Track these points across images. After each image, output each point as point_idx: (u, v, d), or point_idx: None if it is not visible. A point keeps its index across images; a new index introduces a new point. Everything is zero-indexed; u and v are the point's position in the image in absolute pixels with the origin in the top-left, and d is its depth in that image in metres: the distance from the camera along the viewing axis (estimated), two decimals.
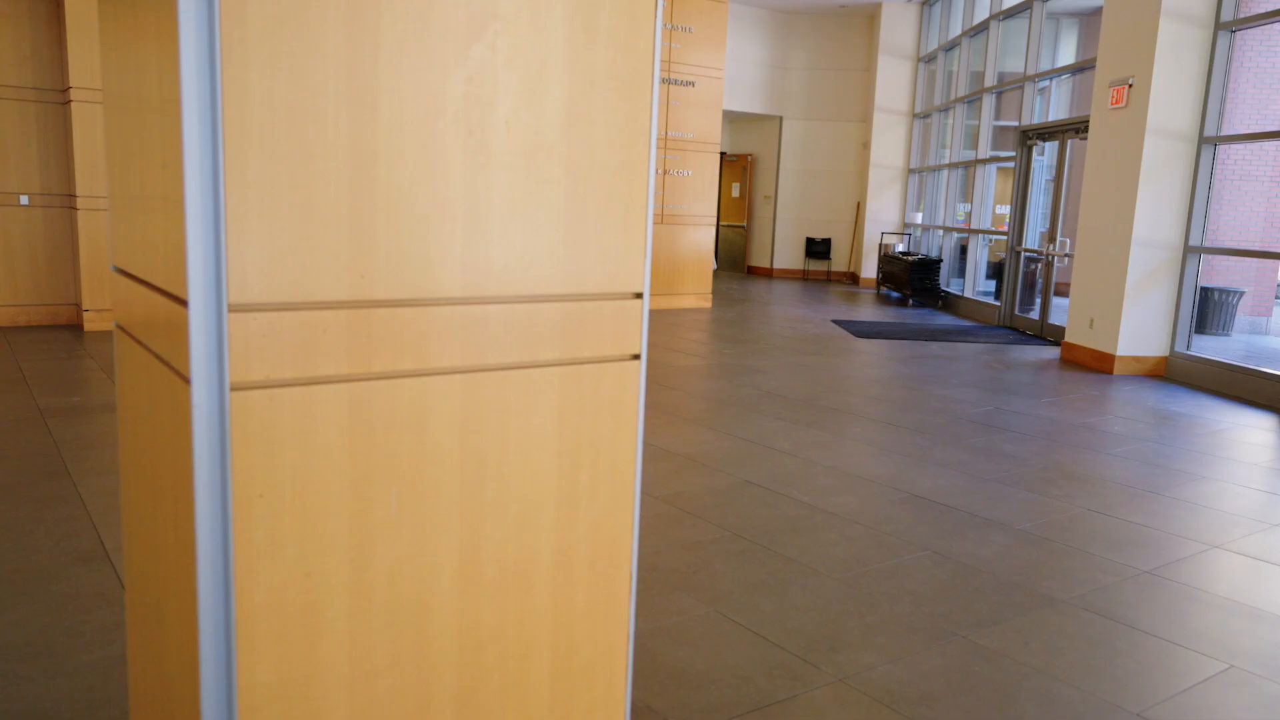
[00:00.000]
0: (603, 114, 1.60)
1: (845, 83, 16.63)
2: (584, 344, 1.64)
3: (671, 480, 4.72)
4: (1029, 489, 4.70)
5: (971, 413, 6.43)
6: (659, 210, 11.77)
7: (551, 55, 1.53)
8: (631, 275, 1.68)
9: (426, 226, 1.45)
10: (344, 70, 1.34)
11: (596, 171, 1.61)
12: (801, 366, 8.02)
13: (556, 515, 1.67)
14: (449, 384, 1.51)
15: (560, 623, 1.70)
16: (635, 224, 1.67)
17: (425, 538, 1.53)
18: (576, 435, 1.66)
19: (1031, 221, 11.07)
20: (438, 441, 1.52)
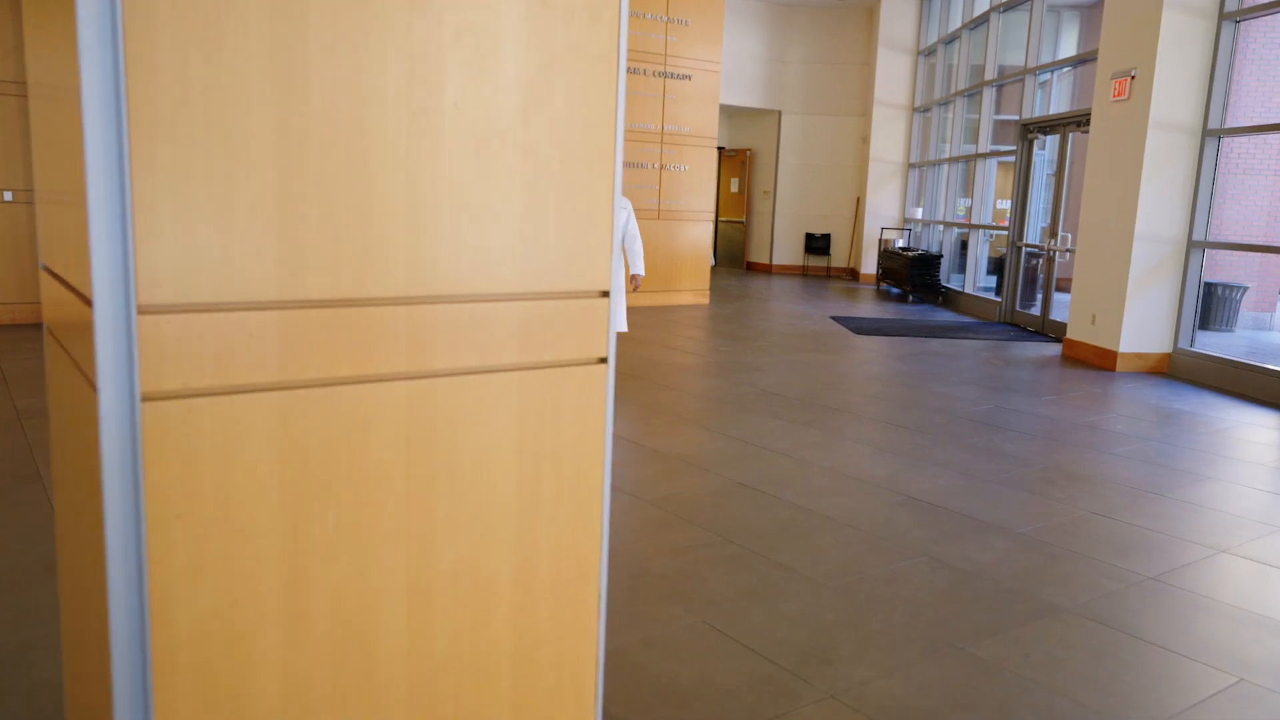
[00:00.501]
0: (564, 96, 1.47)
1: (844, 76, 16.48)
2: (544, 347, 1.52)
3: (663, 482, 4.59)
4: (1030, 490, 4.57)
5: (971, 411, 6.30)
6: (655, 206, 11.63)
7: (505, 31, 1.40)
8: (596, 272, 1.56)
9: (365, 219, 1.32)
10: (268, 45, 1.21)
11: (557, 159, 1.48)
12: (799, 364, 7.89)
13: (517, 531, 1.54)
14: (393, 391, 1.39)
15: (522, 647, 1.57)
16: (600, 216, 1.54)
17: (369, 558, 1.40)
18: (538, 445, 1.54)
19: (1032, 216, 10.93)
20: (381, 454, 1.39)
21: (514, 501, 1.53)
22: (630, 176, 11.20)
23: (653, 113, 11.51)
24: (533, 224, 1.47)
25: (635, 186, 11.25)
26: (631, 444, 5.27)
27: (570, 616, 1.62)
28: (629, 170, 11.11)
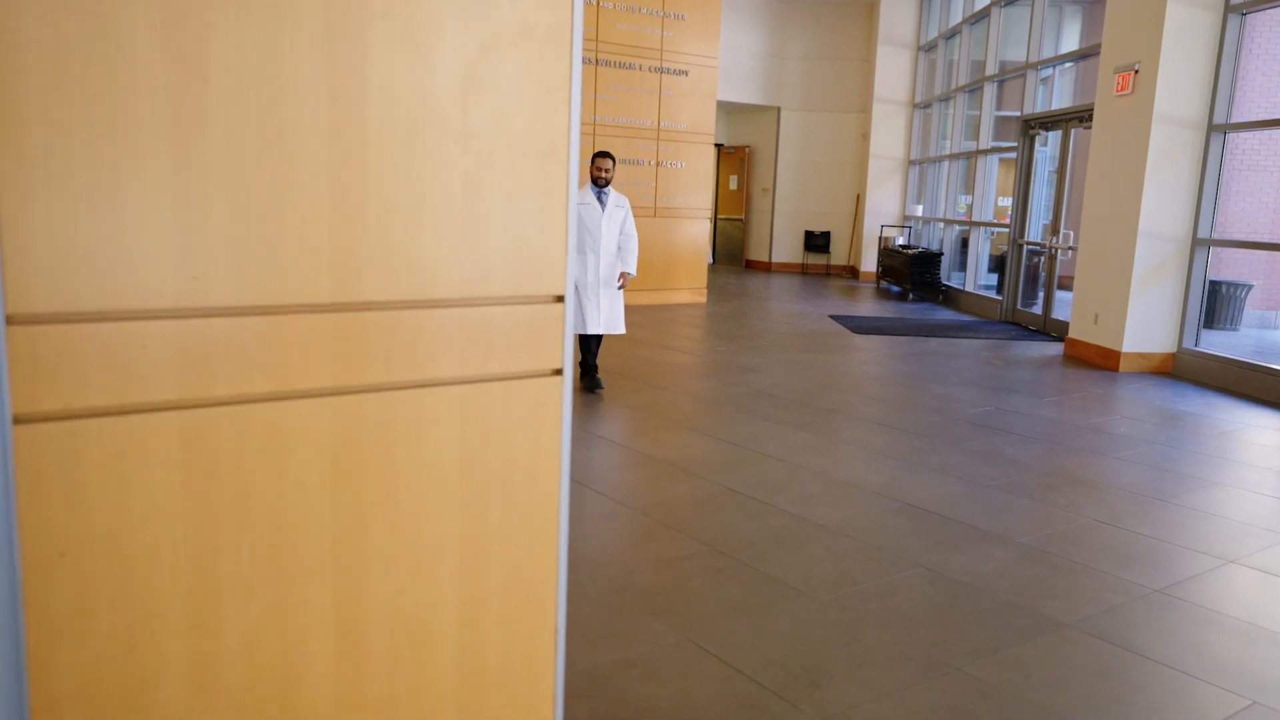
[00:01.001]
0: (511, 79, 1.32)
1: (844, 72, 16.32)
2: (491, 357, 1.37)
3: (651, 489, 4.44)
4: (1030, 497, 4.42)
5: (971, 413, 6.15)
6: (652, 203, 11.48)
7: (439, 6, 1.25)
8: (550, 275, 1.41)
9: (281, 217, 1.18)
10: (159, 18, 1.06)
11: (503, 150, 1.34)
12: (796, 364, 7.74)
13: (461, 562, 1.39)
14: (317, 410, 1.24)
15: (469, 690, 1.43)
16: (554, 213, 1.39)
17: (290, 595, 1.25)
18: (484, 467, 1.39)
19: (1034, 213, 10.78)
20: (303, 479, 1.24)
21: (458, 530, 1.38)
22: (626, 173, 11.05)
23: (649, 109, 11.35)
24: (475, 221, 1.32)
25: (631, 183, 11.09)
26: (620, 447, 5.13)
27: (523, 656, 1.47)
28: (625, 167, 10.96)
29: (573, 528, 3.80)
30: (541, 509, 1.45)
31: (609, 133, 11.00)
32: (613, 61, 10.97)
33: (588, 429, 5.48)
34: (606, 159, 6.28)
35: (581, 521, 3.92)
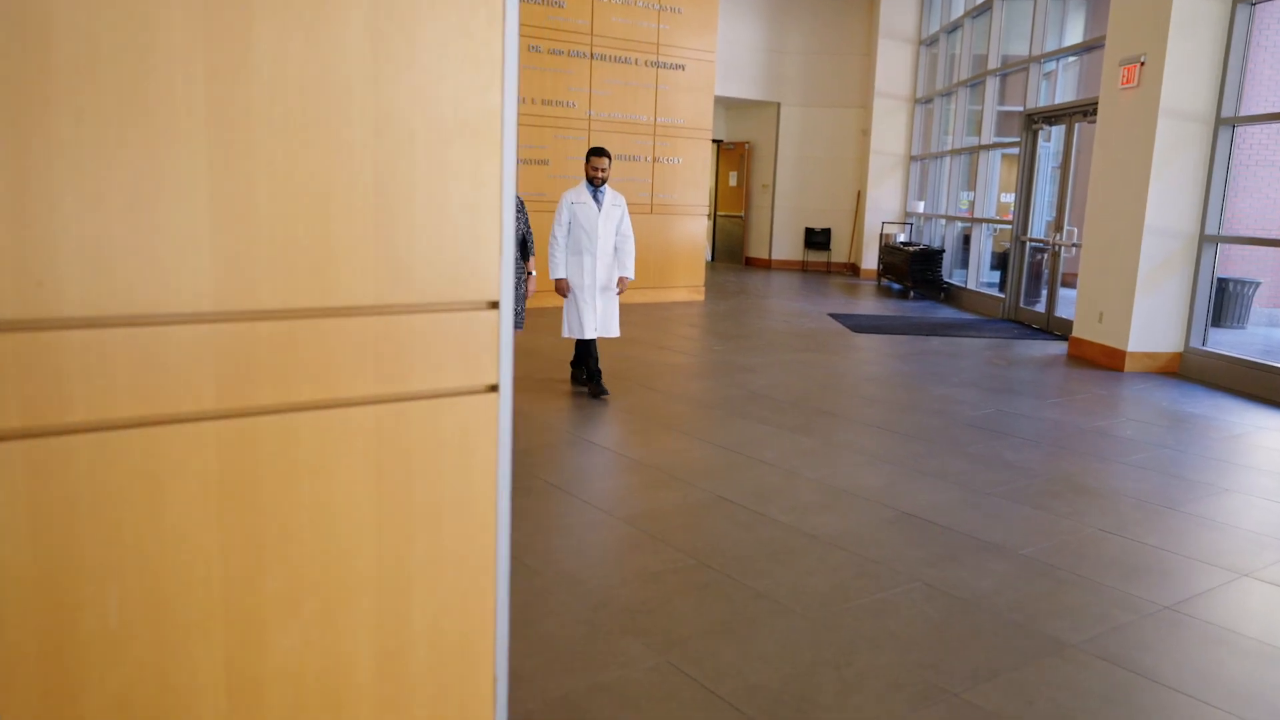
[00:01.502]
0: (432, 51, 1.15)
1: (844, 67, 16.11)
2: (412, 372, 1.19)
3: (638, 497, 4.27)
4: (1033, 505, 4.24)
5: (972, 415, 5.97)
6: (648, 200, 11.30)
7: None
8: (482, 277, 1.23)
9: (149, 210, 1.00)
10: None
11: (425, 135, 1.16)
12: (793, 364, 7.56)
13: (379, 608, 1.22)
14: (199, 436, 1.06)
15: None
16: (485, 206, 1.22)
17: (170, 653, 1.08)
18: (406, 498, 1.22)
19: (1037, 210, 10.58)
20: (183, 517, 1.07)
21: (375, 570, 1.21)
22: (622, 170, 10.87)
23: (644, 104, 11.17)
24: (391, 216, 1.15)
25: (627, 180, 10.92)
26: (609, 452, 4.95)
27: (458, 711, 1.30)
28: (621, 164, 10.78)
29: (551, 539, 3.63)
30: (475, 543, 1.27)
31: (604, 128, 10.82)
32: (608, 56, 10.78)
33: (576, 433, 5.31)
34: (602, 157, 6.05)
35: (563, 533, 3.75)
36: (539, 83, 10.36)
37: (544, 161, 10.51)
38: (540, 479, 4.40)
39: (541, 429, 5.36)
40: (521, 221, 5.83)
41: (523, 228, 5.84)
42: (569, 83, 10.56)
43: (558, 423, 5.50)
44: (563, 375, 6.73)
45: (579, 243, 6.07)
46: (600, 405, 5.93)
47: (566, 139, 10.59)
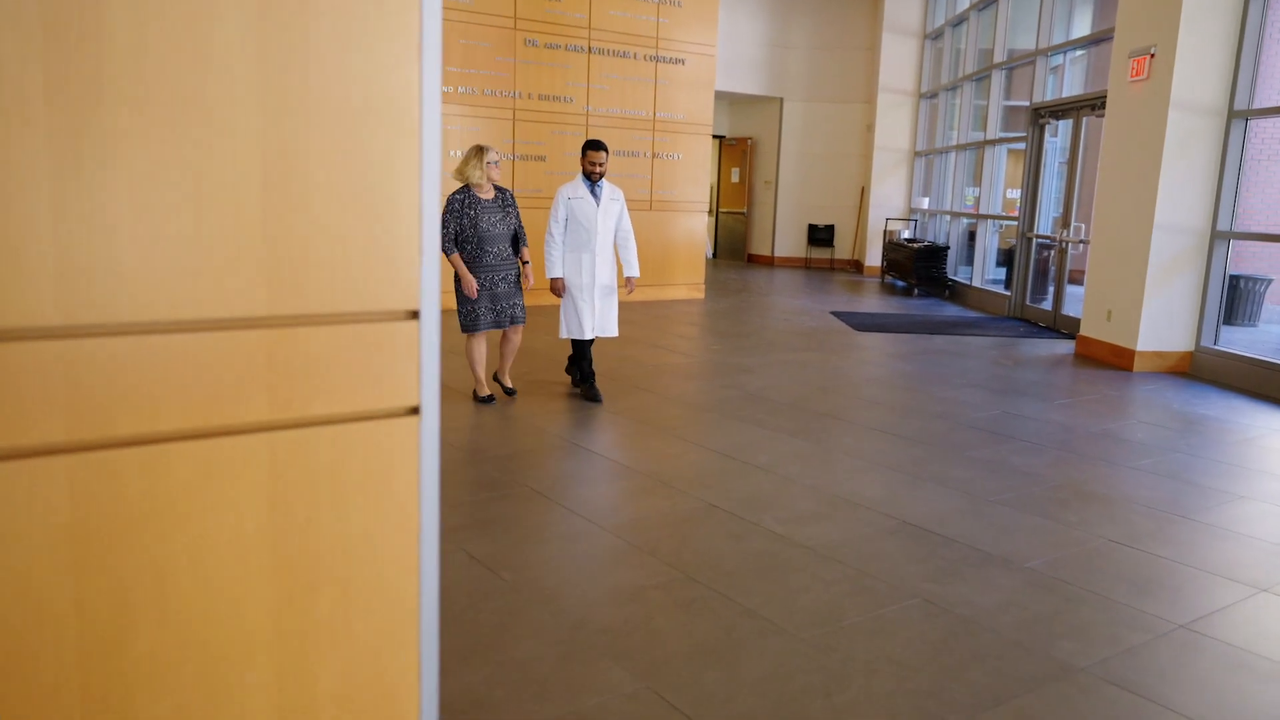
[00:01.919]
0: (330, 20, 0.97)
1: (848, 62, 15.90)
2: (313, 394, 1.02)
3: (625, 505, 4.10)
4: (1040, 513, 4.06)
5: (976, 418, 5.78)
6: (647, 196, 11.11)
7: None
8: (401, 283, 1.06)
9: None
10: None
11: (324, 117, 0.99)
12: (793, 364, 7.38)
13: (277, 666, 1.05)
14: (47, 471, 0.89)
15: None
16: (402, 201, 1.04)
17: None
18: (307, 540, 1.04)
19: (1044, 206, 10.38)
20: (26, 569, 0.90)
21: (271, 625, 1.03)
22: (621, 165, 10.69)
23: (644, 98, 10.98)
24: (283, 213, 0.97)
25: (626, 176, 10.74)
26: (597, 457, 4.78)
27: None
28: (620, 160, 10.60)
29: (531, 551, 3.46)
30: (394, 590, 1.10)
31: (603, 124, 10.64)
32: (606, 50, 10.60)
33: (565, 436, 5.14)
34: (600, 151, 5.80)
35: (544, 543, 3.58)
36: (536, 77, 10.18)
37: (541, 158, 10.33)
38: (524, 485, 4.23)
39: (530, 432, 5.19)
40: (513, 215, 5.66)
41: (514, 221, 5.67)
42: (566, 77, 10.38)
43: (548, 425, 5.33)
44: (558, 377, 6.56)
45: (577, 240, 5.86)
46: (593, 408, 5.76)
47: (564, 134, 10.41)
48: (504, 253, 5.60)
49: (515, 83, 10.05)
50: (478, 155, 5.52)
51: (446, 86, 9.58)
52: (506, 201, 5.64)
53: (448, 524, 3.73)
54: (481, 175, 5.50)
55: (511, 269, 5.67)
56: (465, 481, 4.41)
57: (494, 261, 5.58)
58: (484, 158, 5.52)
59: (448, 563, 3.34)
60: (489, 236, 5.52)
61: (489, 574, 3.27)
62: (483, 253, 5.53)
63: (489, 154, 5.55)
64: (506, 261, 5.63)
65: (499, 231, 5.56)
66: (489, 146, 5.60)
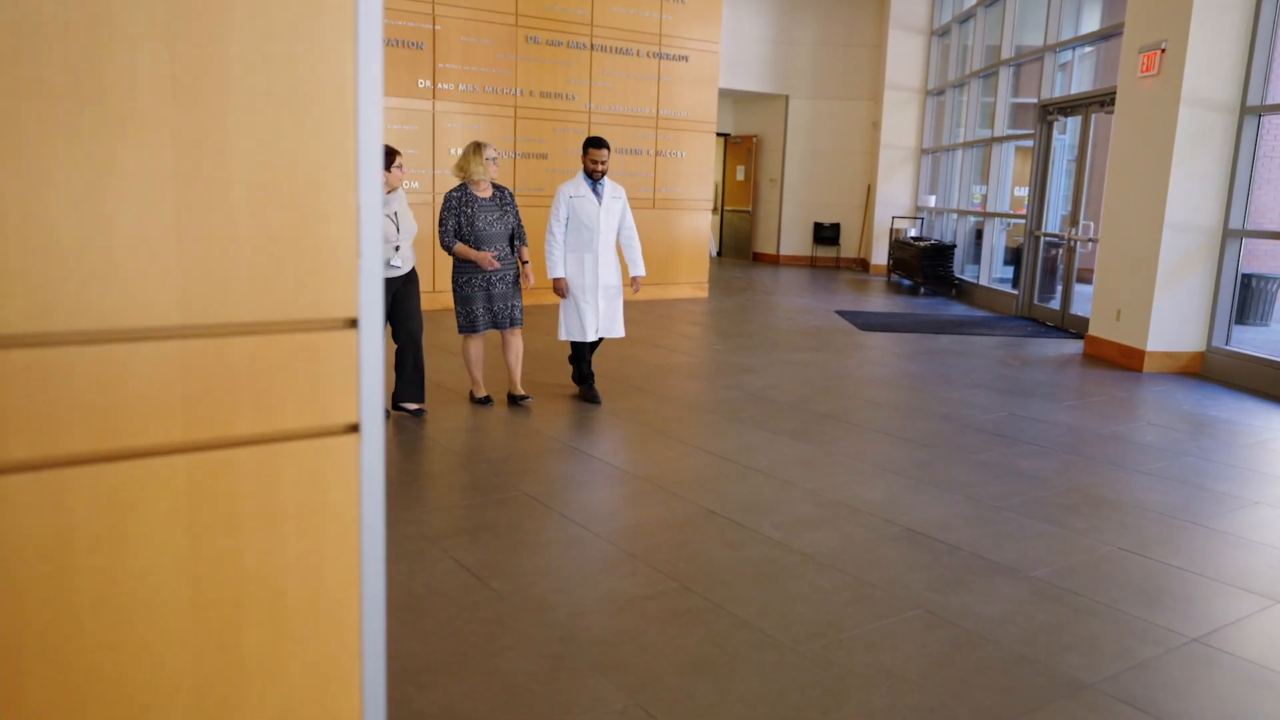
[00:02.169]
0: (248, 4, 0.87)
1: (854, 59, 15.77)
2: (238, 411, 0.92)
3: (620, 510, 4.00)
4: (1047, 519, 3.95)
5: (982, 420, 5.67)
6: (650, 194, 11.01)
7: None
8: (336, 289, 0.96)
9: None
10: None
11: (247, 106, 0.89)
12: (796, 365, 7.27)
13: (196, 713, 0.95)
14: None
15: None
16: (338, 196, 0.94)
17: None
18: (232, 573, 0.95)
19: (1052, 204, 10.25)
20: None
21: (191, 669, 0.94)
22: (623, 163, 10.59)
23: (647, 96, 10.87)
24: (199, 211, 0.88)
25: (629, 174, 10.63)
26: (593, 460, 4.68)
27: None
28: (622, 157, 10.50)
29: (523, 558, 3.37)
30: (333, 624, 1.00)
31: (605, 121, 10.54)
32: (609, 47, 10.49)
33: (561, 439, 5.04)
34: (602, 149, 5.67)
35: (535, 551, 3.48)
36: (537, 74, 10.09)
37: (543, 155, 10.24)
38: (518, 489, 4.14)
39: (527, 434, 5.09)
40: (511, 213, 5.54)
41: (512, 219, 5.55)
42: (569, 74, 10.28)
43: (545, 428, 5.23)
44: (557, 378, 6.46)
45: (579, 239, 5.71)
46: (592, 410, 5.66)
47: (566, 132, 10.31)
48: (502, 251, 5.47)
49: (517, 80, 9.96)
50: (475, 152, 5.39)
51: (447, 84, 9.50)
52: (505, 200, 5.51)
53: (437, 529, 3.64)
54: (481, 172, 5.36)
55: (510, 269, 5.54)
56: (458, 485, 4.32)
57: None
58: (482, 154, 5.38)
59: (435, 570, 3.25)
60: (486, 235, 5.39)
61: (477, 582, 3.17)
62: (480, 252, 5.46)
63: (486, 150, 5.40)
64: (505, 261, 5.49)
65: (497, 230, 5.43)
66: (486, 143, 5.45)
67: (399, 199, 5.16)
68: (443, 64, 9.46)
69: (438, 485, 4.36)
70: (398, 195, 5.16)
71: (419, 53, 9.31)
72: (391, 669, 2.58)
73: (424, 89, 9.39)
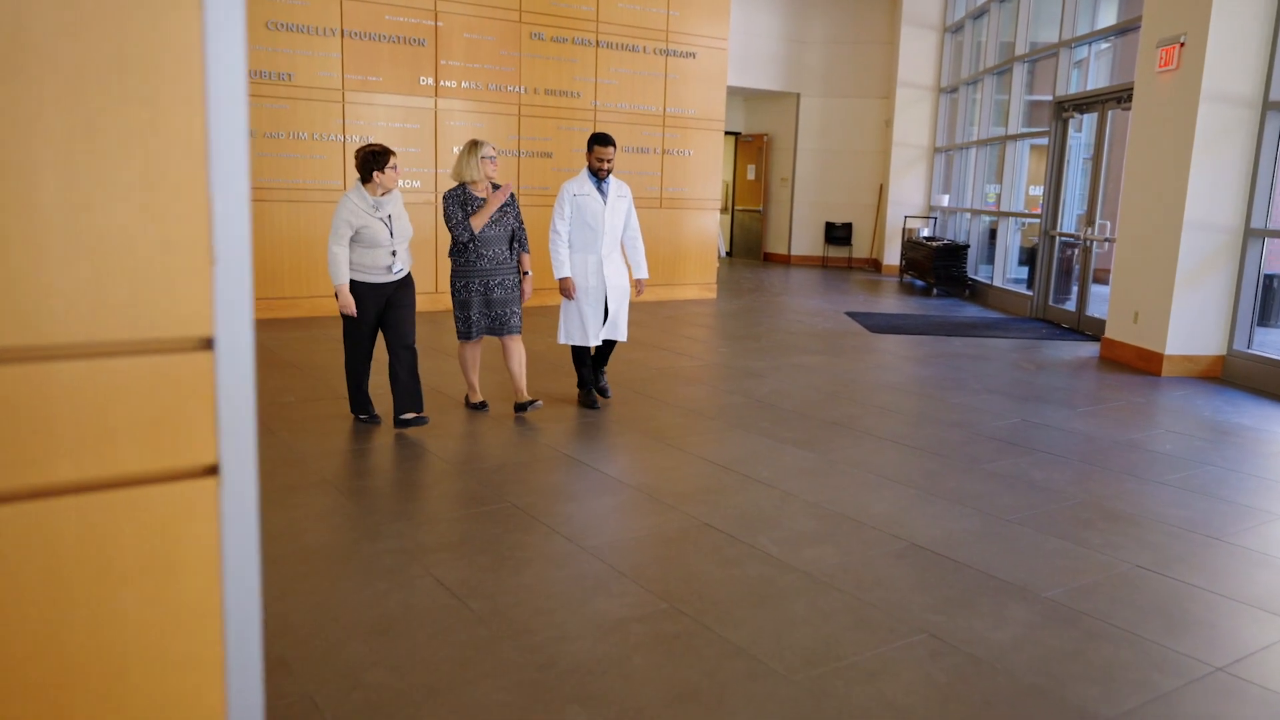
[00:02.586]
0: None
1: (866, 56, 15.54)
2: (59, 452, 0.76)
3: (612, 523, 3.82)
4: (1060, 534, 3.75)
5: (995, 426, 5.47)
6: (657, 194, 10.83)
7: None
8: (183, 300, 0.79)
9: None
10: None
11: (64, 90, 0.72)
12: (803, 368, 7.08)
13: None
14: None
15: None
16: (184, 189, 0.77)
17: None
18: (50, 650, 0.78)
19: (1068, 202, 10.02)
20: None
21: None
22: (630, 162, 10.42)
23: (653, 93, 10.70)
24: (15, 204, 0.71)
25: (636, 173, 10.46)
26: (587, 469, 4.51)
27: None
28: (627, 156, 10.33)
29: (505, 576, 3.20)
30: (187, 708, 0.83)
31: (611, 119, 10.37)
32: (614, 43, 10.33)
33: (554, 446, 4.87)
34: (608, 146, 5.43)
35: (520, 567, 3.31)
36: (542, 71, 9.93)
37: (547, 154, 10.08)
38: (508, 501, 3.97)
39: (521, 442, 4.93)
40: (511, 215, 5.28)
41: (512, 221, 5.30)
42: (574, 72, 10.12)
43: (540, 435, 5.07)
44: (558, 384, 6.29)
45: (582, 239, 5.47)
46: (591, 415, 5.49)
47: (571, 130, 10.15)
48: (500, 255, 5.21)
49: (521, 77, 9.80)
50: (472, 150, 5.16)
51: (450, 82, 9.35)
52: (505, 200, 5.27)
53: (420, 544, 3.47)
54: (478, 172, 5.12)
55: (510, 273, 5.28)
56: (445, 496, 4.15)
57: (490, 265, 5.19)
58: (478, 153, 5.13)
59: (414, 589, 3.09)
60: (485, 238, 5.14)
61: (457, 603, 3.00)
62: (478, 256, 5.15)
63: (484, 148, 5.14)
64: (504, 265, 5.24)
65: (496, 232, 5.18)
66: (483, 141, 5.22)
67: (394, 200, 4.95)
68: (445, 61, 9.31)
69: (425, 496, 4.20)
70: (393, 197, 4.94)
71: (421, 49, 9.16)
72: (354, 701, 2.42)
73: (426, 86, 9.25)
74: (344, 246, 4.80)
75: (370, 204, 4.82)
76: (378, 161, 4.83)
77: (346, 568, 3.29)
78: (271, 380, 6.11)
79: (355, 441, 4.87)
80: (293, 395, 5.76)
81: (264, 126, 8.45)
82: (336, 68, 8.74)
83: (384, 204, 4.86)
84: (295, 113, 8.58)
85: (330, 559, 3.38)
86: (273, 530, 3.54)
